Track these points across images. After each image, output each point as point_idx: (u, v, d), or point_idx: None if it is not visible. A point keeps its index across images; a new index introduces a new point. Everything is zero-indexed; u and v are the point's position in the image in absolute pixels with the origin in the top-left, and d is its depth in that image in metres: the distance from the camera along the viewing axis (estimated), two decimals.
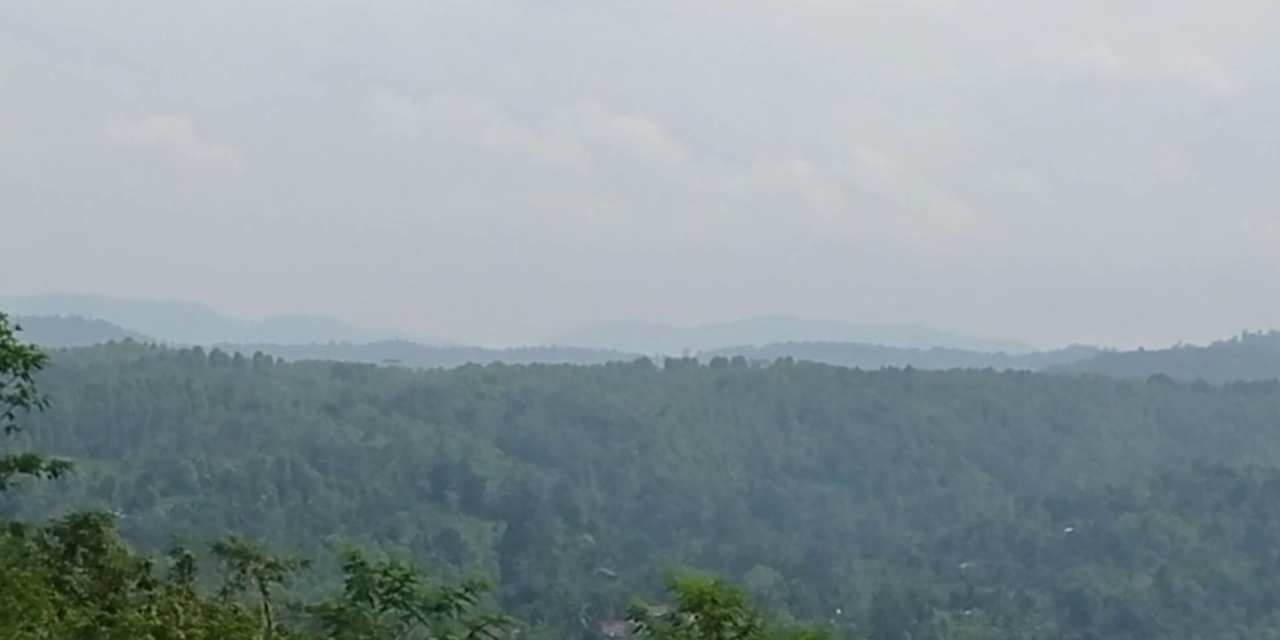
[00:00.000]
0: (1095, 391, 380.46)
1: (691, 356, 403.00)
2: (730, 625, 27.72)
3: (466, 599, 32.44)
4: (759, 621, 28.38)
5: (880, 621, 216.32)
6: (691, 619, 27.90)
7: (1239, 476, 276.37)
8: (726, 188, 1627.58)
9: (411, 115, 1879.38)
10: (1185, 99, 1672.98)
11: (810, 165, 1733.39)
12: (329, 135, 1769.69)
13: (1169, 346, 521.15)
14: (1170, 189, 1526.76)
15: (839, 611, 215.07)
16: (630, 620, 29.73)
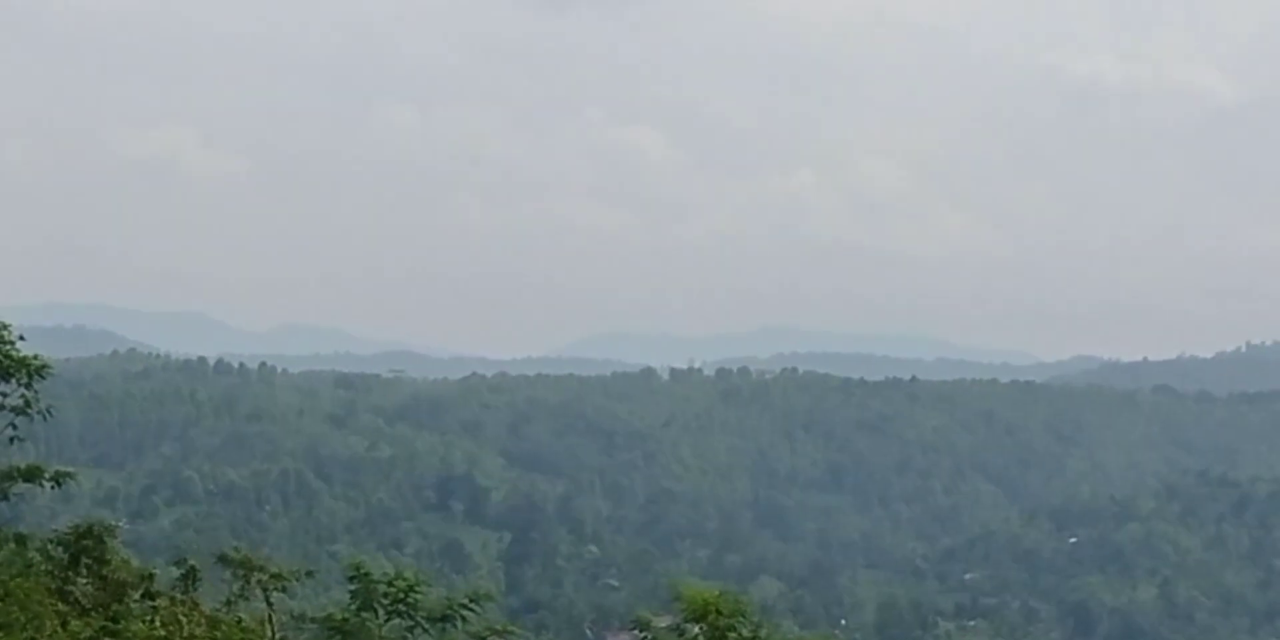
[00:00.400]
0: (1099, 402, 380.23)
1: (696, 367, 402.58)
2: (735, 636, 27.71)
3: (471, 610, 32.44)
4: (764, 632, 28.39)
5: (884, 632, 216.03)
6: (696, 630, 27.91)
7: (1243, 487, 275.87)
8: (731, 197, 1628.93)
9: (417, 125, 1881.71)
10: (1189, 108, 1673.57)
11: (815, 175, 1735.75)
12: (334, 145, 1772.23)
13: (1173, 357, 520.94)
14: (1174, 199, 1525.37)
15: (843, 622, 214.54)
16: (635, 631, 29.73)
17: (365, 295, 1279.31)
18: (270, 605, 33.81)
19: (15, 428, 32.10)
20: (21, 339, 32.26)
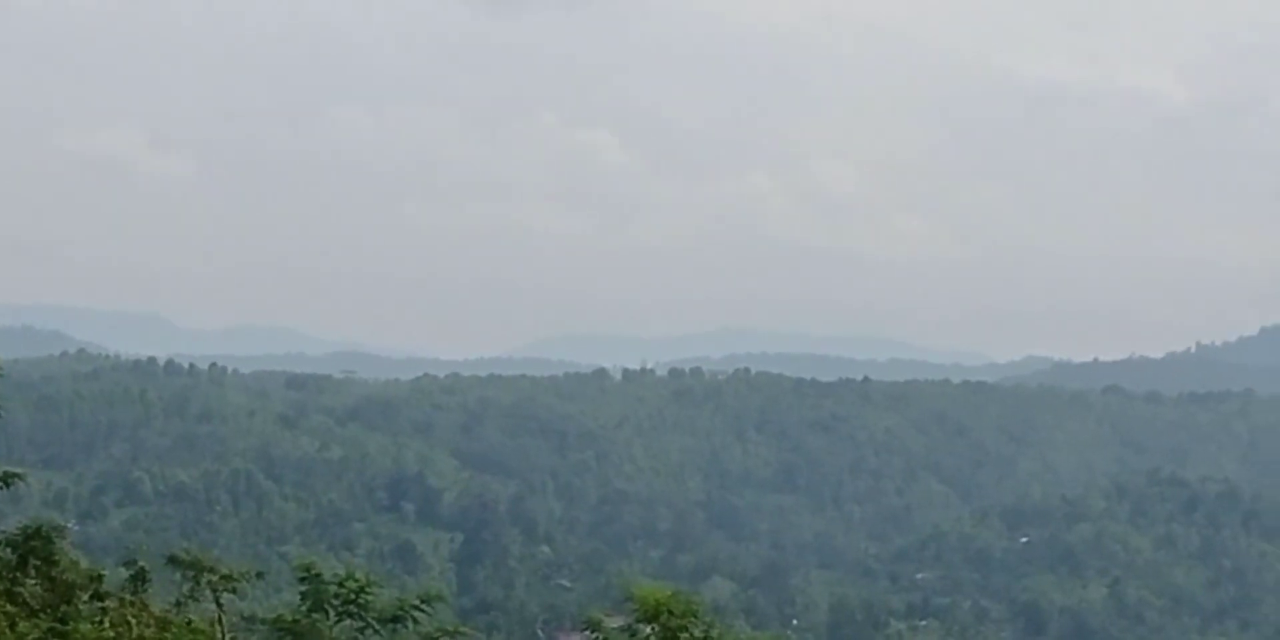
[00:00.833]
0: (1050, 402, 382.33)
1: (649, 367, 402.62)
2: (687, 636, 27.75)
3: (422, 610, 32.39)
4: (715, 632, 28.43)
5: (837, 632, 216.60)
6: (648, 630, 27.92)
7: (1192, 487, 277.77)
8: (687, 200, 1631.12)
9: (370, 126, 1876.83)
10: (1141, 111, 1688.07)
11: (770, 177, 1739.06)
12: (286, 145, 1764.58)
13: (1123, 357, 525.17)
14: (1127, 201, 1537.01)
15: (795, 622, 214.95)
16: (587, 631, 29.71)
17: (317, 296, 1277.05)
18: (220, 606, 33.65)
19: None
20: None
